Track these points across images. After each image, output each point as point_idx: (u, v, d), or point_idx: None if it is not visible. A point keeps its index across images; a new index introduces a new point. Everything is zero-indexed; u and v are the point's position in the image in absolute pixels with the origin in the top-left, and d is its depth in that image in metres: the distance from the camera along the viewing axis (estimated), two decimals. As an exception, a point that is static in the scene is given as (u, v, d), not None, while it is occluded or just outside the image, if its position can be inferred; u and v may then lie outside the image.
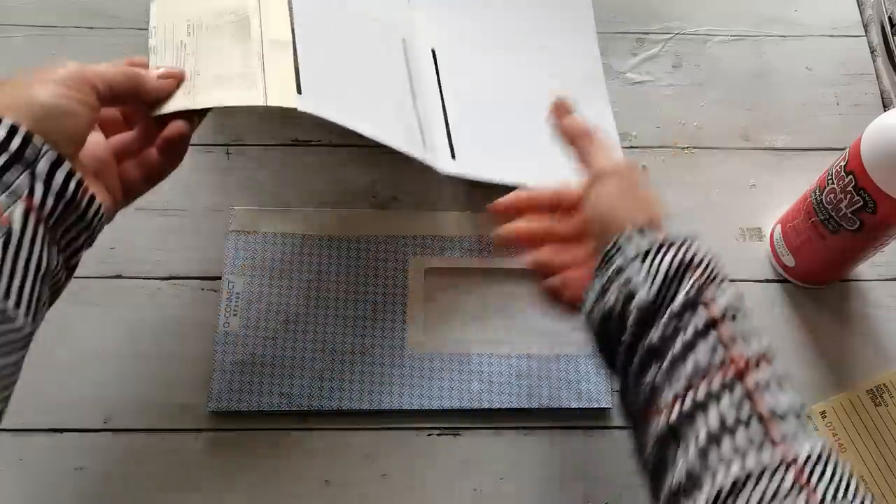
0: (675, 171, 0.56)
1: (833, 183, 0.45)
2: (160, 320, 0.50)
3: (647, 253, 0.36)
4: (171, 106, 0.41)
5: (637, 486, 0.47)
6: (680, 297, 0.34)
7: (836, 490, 0.30)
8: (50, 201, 0.33)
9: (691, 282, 0.35)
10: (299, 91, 0.43)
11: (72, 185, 0.34)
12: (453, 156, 0.48)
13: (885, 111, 0.58)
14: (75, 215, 0.35)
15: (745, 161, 0.57)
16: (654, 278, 0.35)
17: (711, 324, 0.34)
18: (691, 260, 0.35)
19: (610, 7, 0.63)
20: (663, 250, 0.36)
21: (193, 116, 0.41)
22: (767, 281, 0.53)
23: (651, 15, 0.63)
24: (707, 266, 0.36)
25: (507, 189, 0.43)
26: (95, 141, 0.39)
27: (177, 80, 0.41)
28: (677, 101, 0.59)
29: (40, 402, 0.48)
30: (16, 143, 0.32)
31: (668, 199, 0.55)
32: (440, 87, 0.52)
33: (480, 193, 0.51)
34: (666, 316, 0.34)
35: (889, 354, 0.51)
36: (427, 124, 0.49)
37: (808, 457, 0.30)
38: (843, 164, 0.44)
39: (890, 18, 0.61)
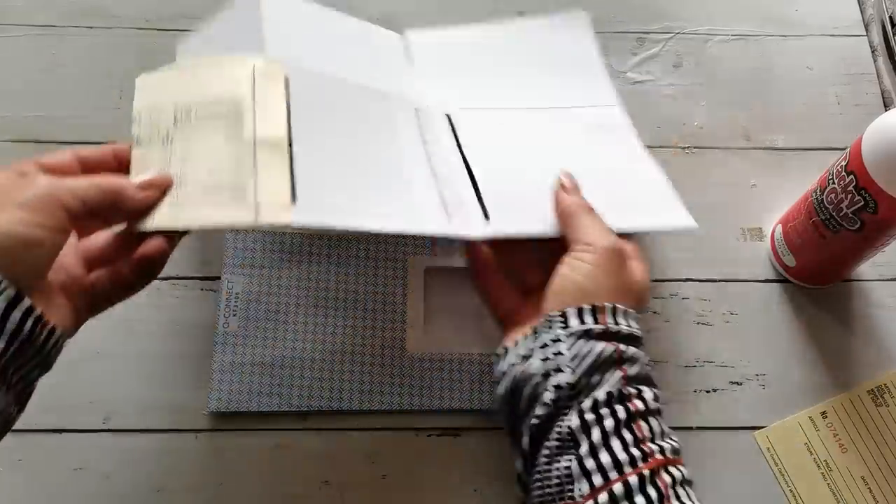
0: (675, 171, 0.56)
1: (834, 183, 0.45)
2: (160, 320, 0.50)
3: (585, 333, 0.36)
4: (154, 222, 0.37)
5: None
6: (603, 389, 0.35)
7: None
8: (2, 343, 0.30)
9: (617, 376, 0.35)
10: (294, 199, 0.39)
11: (29, 323, 0.31)
12: (486, 216, 0.44)
13: (885, 111, 0.58)
14: (31, 352, 0.32)
15: (745, 161, 0.57)
16: (581, 362, 0.35)
17: (632, 419, 0.34)
18: (622, 355, 0.36)
19: (610, 7, 0.63)
20: (601, 338, 0.36)
21: (175, 234, 0.38)
22: (768, 281, 0.53)
23: (651, 14, 0.63)
24: (637, 364, 0.36)
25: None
26: (65, 248, 0.35)
27: (161, 190, 0.38)
28: (677, 100, 0.59)
29: (40, 402, 0.48)
30: None
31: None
32: (461, 150, 0.48)
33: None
34: (587, 404, 0.34)
35: (890, 354, 0.51)
36: (451, 193, 0.45)
37: None
38: (843, 163, 0.44)
39: (891, 18, 0.61)
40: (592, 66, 0.56)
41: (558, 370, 0.35)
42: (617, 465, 0.33)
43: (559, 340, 0.36)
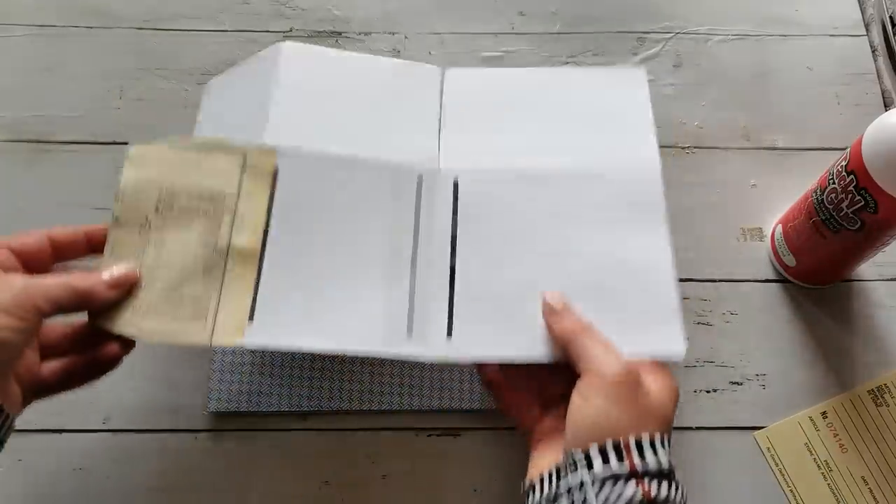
0: (675, 171, 0.56)
1: (834, 183, 0.45)
2: (160, 320, 0.50)
3: (613, 478, 0.34)
4: (113, 325, 0.38)
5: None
6: None
7: None
8: None
9: None
10: (251, 318, 0.40)
11: None
12: (449, 332, 0.42)
13: (885, 111, 0.58)
14: None
15: (745, 161, 0.57)
16: None
17: None
18: (653, 500, 0.33)
19: (610, 7, 0.63)
20: (631, 482, 0.33)
21: (133, 340, 0.39)
22: (768, 281, 0.53)
23: (651, 14, 0.63)
24: None
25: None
26: None
27: (128, 288, 0.39)
28: (677, 100, 0.59)
29: (40, 403, 0.48)
30: None
31: (669, 198, 0.55)
32: (454, 239, 0.45)
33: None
34: None
35: (890, 354, 0.51)
36: (421, 303, 0.43)
37: None
38: (844, 163, 0.44)
39: (891, 18, 0.61)
40: (641, 127, 0.50)
41: None
42: None
43: (584, 484, 0.34)
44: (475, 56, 0.60)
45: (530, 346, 0.41)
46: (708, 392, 0.50)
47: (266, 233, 0.43)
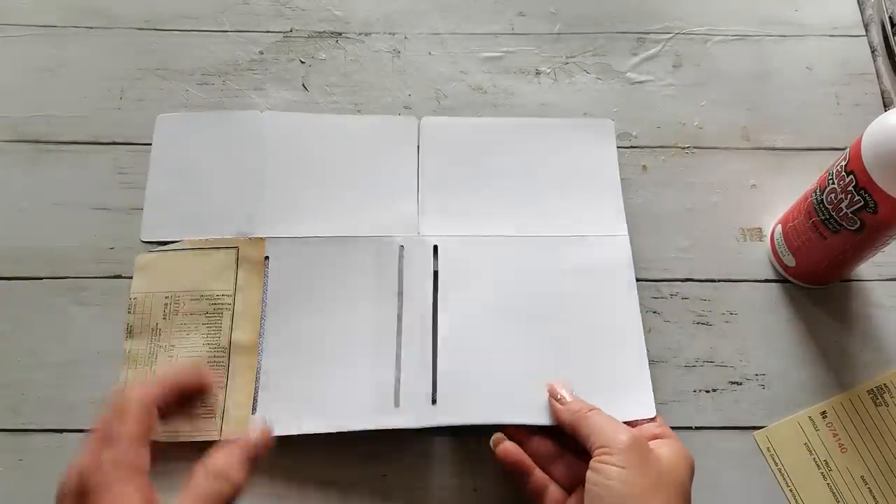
0: (675, 171, 0.56)
1: (834, 183, 0.45)
2: (160, 320, 0.50)
3: None
4: None
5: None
6: None
7: None
8: None
9: None
10: (254, 411, 0.46)
11: None
12: (434, 400, 0.46)
13: (885, 111, 0.58)
14: None
15: (745, 161, 0.57)
16: None
17: None
18: None
19: (610, 7, 0.63)
20: None
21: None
22: (768, 281, 0.53)
23: (651, 15, 0.63)
24: None
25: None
26: None
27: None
28: (677, 101, 0.59)
29: (40, 402, 0.48)
30: None
31: (669, 199, 0.55)
32: (436, 295, 0.49)
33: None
34: None
35: (890, 354, 0.51)
36: (407, 368, 0.47)
37: None
38: (843, 163, 0.44)
39: (890, 18, 0.61)
40: (609, 183, 0.54)
41: None
42: None
43: None
44: (475, 56, 0.60)
45: (517, 412, 0.45)
46: (708, 392, 0.50)
47: (262, 323, 0.48)
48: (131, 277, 0.51)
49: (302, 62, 0.59)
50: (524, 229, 0.52)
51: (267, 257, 0.50)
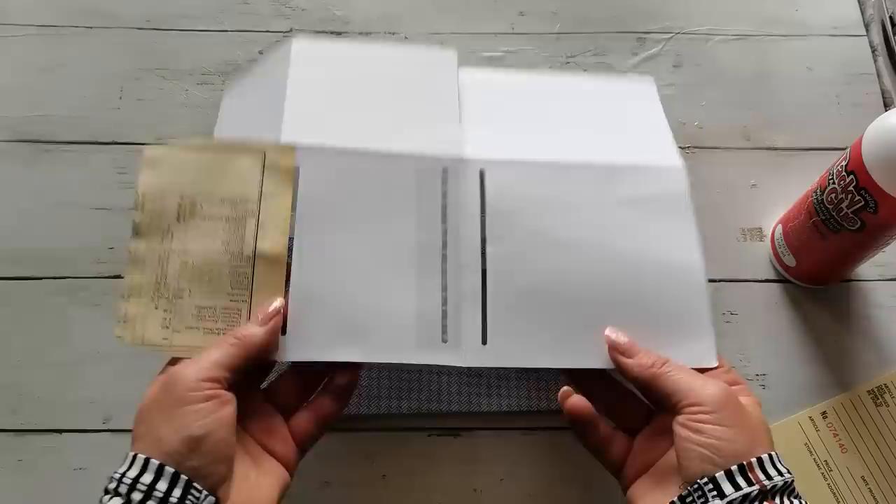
0: (676, 171, 0.56)
1: (834, 183, 0.45)
2: (160, 320, 0.50)
3: (745, 499, 0.34)
4: (144, 341, 0.40)
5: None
6: None
7: None
8: None
9: None
10: (283, 331, 0.40)
11: None
12: (484, 340, 0.41)
13: (885, 111, 0.58)
14: None
15: (745, 161, 0.57)
16: None
17: None
18: None
19: (610, 7, 0.63)
20: (760, 499, 0.34)
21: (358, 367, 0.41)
22: (768, 281, 0.53)
23: (651, 14, 0.63)
24: None
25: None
26: (258, 410, 0.39)
27: (278, 318, 0.39)
28: (677, 100, 0.59)
29: (40, 402, 0.48)
30: (176, 494, 0.32)
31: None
32: (483, 225, 0.44)
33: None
34: None
35: (890, 355, 0.51)
36: (454, 301, 0.42)
37: None
38: (844, 163, 0.44)
39: (891, 18, 0.61)
40: (658, 123, 0.50)
41: None
42: None
43: None
44: (475, 56, 0.60)
45: (572, 355, 0.41)
46: (708, 392, 0.50)
47: (291, 235, 0.42)
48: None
49: (302, 62, 0.59)
50: (576, 155, 0.46)
51: (297, 169, 0.43)
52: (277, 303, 0.39)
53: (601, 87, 0.53)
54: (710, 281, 0.53)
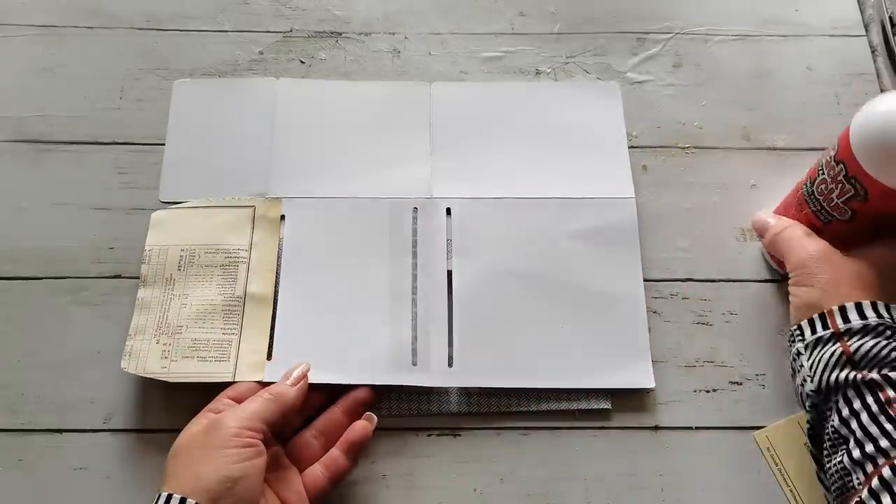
0: (675, 171, 0.56)
1: (824, 173, 0.45)
2: (160, 320, 0.50)
3: (817, 342, 0.41)
4: (145, 370, 0.46)
5: (638, 487, 0.47)
6: (849, 387, 0.39)
7: None
8: None
9: (853, 373, 0.39)
10: (269, 356, 0.47)
11: None
12: (450, 363, 0.48)
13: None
14: None
15: (745, 161, 0.57)
16: (816, 368, 0.40)
17: (882, 407, 0.37)
18: (852, 354, 0.39)
19: (610, 7, 0.63)
20: (832, 341, 0.40)
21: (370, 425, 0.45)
22: (768, 281, 0.53)
23: (651, 15, 0.63)
24: (870, 357, 0.39)
25: None
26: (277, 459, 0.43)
27: (306, 381, 0.44)
28: (677, 100, 0.59)
29: (40, 402, 0.48)
30: None
31: (668, 199, 0.55)
32: (450, 256, 0.50)
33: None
34: (841, 403, 0.39)
35: (890, 354, 0.51)
36: (423, 328, 0.48)
37: None
38: (832, 153, 0.44)
39: (890, 18, 0.61)
40: (616, 145, 0.55)
41: (804, 381, 0.41)
42: (882, 451, 0.36)
43: (801, 353, 0.42)
44: (475, 56, 0.60)
45: (525, 376, 0.48)
46: (708, 392, 0.50)
47: (278, 276, 0.49)
48: (132, 277, 0.51)
49: (302, 62, 0.59)
50: (533, 191, 0.53)
51: (283, 216, 0.51)
52: (304, 366, 0.45)
53: (567, 97, 0.57)
54: (710, 281, 0.53)
